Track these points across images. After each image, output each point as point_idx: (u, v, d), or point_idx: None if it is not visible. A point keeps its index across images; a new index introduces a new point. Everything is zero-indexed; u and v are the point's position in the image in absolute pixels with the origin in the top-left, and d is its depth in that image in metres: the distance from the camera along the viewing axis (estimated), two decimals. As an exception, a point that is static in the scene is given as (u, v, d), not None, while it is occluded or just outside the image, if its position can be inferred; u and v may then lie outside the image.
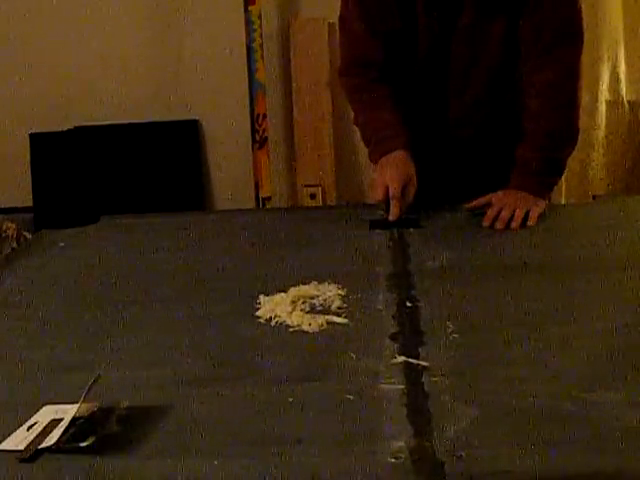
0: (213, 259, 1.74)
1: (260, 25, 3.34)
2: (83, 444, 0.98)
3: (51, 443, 0.97)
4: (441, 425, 0.99)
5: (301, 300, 1.41)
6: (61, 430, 0.99)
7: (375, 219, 1.89)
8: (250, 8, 3.32)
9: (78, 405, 1.02)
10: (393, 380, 1.11)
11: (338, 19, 2.06)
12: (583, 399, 1.05)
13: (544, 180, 1.95)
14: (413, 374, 1.13)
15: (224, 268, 1.67)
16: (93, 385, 1.05)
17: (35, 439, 0.99)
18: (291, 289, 1.45)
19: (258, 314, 1.38)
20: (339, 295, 1.44)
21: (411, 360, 1.17)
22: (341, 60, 2.12)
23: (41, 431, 1.00)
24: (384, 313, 1.37)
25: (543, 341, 1.23)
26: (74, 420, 1.01)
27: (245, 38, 3.35)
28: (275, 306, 1.39)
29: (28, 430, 1.02)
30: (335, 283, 1.48)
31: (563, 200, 3.19)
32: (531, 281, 1.50)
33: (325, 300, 1.42)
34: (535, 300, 1.41)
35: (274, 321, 1.35)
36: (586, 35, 1.96)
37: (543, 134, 1.93)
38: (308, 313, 1.36)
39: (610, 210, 2.01)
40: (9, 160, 3.53)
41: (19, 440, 1.00)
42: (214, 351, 1.26)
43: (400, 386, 1.10)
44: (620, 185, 3.53)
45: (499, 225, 1.84)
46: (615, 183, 3.53)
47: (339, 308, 1.39)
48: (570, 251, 1.70)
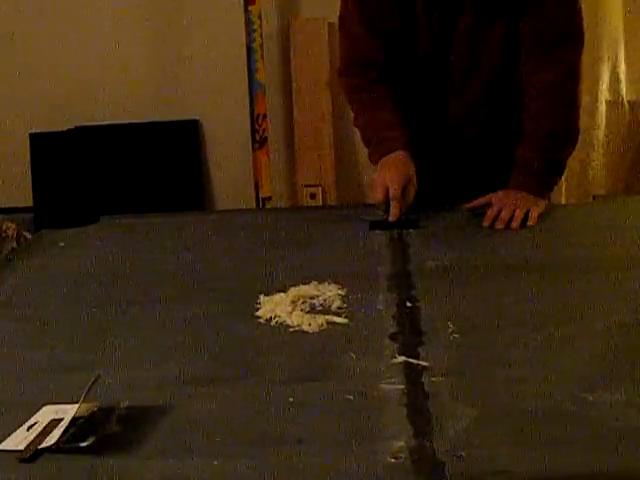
0: (213, 259, 1.74)
1: (260, 25, 3.34)
2: (83, 444, 0.98)
3: (51, 443, 0.97)
4: (441, 425, 0.99)
5: (301, 300, 1.41)
6: (61, 430, 0.99)
7: (375, 220, 1.89)
8: (250, 8, 3.32)
9: (78, 405, 1.02)
10: (393, 380, 1.11)
11: (338, 19, 2.06)
12: (583, 399, 1.05)
13: (544, 180, 1.95)
14: (413, 374, 1.13)
15: (224, 268, 1.68)
16: (93, 385, 1.05)
17: (35, 439, 0.99)
18: (291, 289, 1.45)
19: (258, 314, 1.38)
20: (339, 295, 1.44)
21: (411, 360, 1.17)
22: (341, 60, 2.12)
23: (41, 431, 1.00)
24: (384, 313, 1.37)
25: (543, 341, 1.23)
26: (74, 420, 1.01)
27: (245, 38, 3.35)
28: (275, 306, 1.39)
29: (28, 430, 1.02)
30: (335, 283, 1.48)
31: (563, 200, 3.19)
32: (531, 281, 1.50)
33: (325, 300, 1.42)
34: (535, 300, 1.41)
35: (274, 321, 1.35)
36: (586, 35, 1.96)
37: (543, 134, 1.93)
38: (308, 313, 1.36)
39: (610, 210, 2.01)
40: (9, 160, 3.53)
41: (19, 440, 1.00)
42: (214, 351, 1.26)
43: (400, 386, 1.10)
44: (620, 185, 3.52)
45: (499, 225, 1.84)
46: (615, 183, 3.52)
47: (339, 308, 1.39)
48: (570, 251, 1.70)
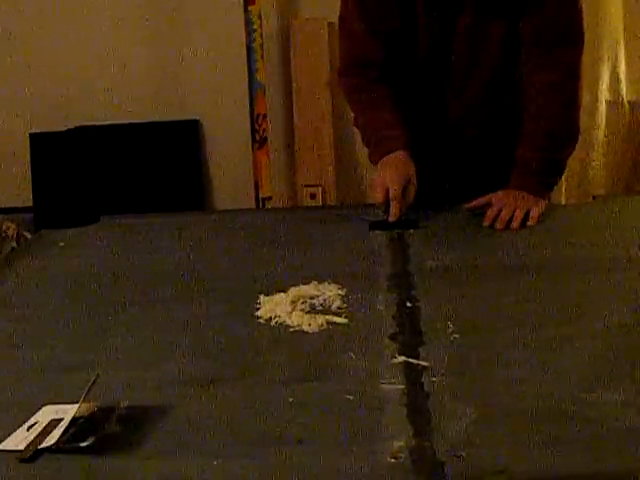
0: (213, 259, 1.74)
1: (260, 25, 3.34)
2: (83, 444, 0.98)
3: (51, 443, 0.97)
4: (441, 425, 0.99)
5: (301, 300, 1.41)
6: (61, 430, 0.99)
7: (375, 220, 1.89)
8: (250, 8, 3.32)
9: (78, 405, 1.02)
10: (393, 380, 1.11)
11: (338, 19, 2.06)
12: (583, 399, 1.05)
13: (544, 180, 1.95)
14: (413, 374, 1.13)
15: (224, 268, 1.67)
16: (93, 385, 1.05)
17: (35, 439, 0.99)
18: (291, 289, 1.45)
19: (258, 314, 1.38)
20: (339, 295, 1.44)
21: (411, 360, 1.17)
22: (340, 60, 2.12)
23: (41, 431, 1.00)
24: (384, 313, 1.37)
25: (543, 341, 1.23)
26: (74, 420, 1.01)
27: (245, 38, 3.35)
28: (275, 306, 1.39)
29: (28, 430, 1.02)
30: (335, 283, 1.48)
31: (563, 200, 3.18)
32: (531, 281, 1.50)
33: (325, 300, 1.42)
34: (535, 300, 1.41)
35: (274, 321, 1.35)
36: (586, 35, 1.96)
37: (543, 134, 1.92)
38: (308, 313, 1.36)
39: (610, 210, 2.01)
40: (9, 160, 3.53)
41: (19, 440, 1.00)
42: (214, 351, 1.26)
43: (400, 386, 1.10)
44: (620, 185, 3.52)
45: (499, 225, 1.83)
46: (615, 183, 3.52)
47: (339, 308, 1.39)
48: (570, 251, 1.70)
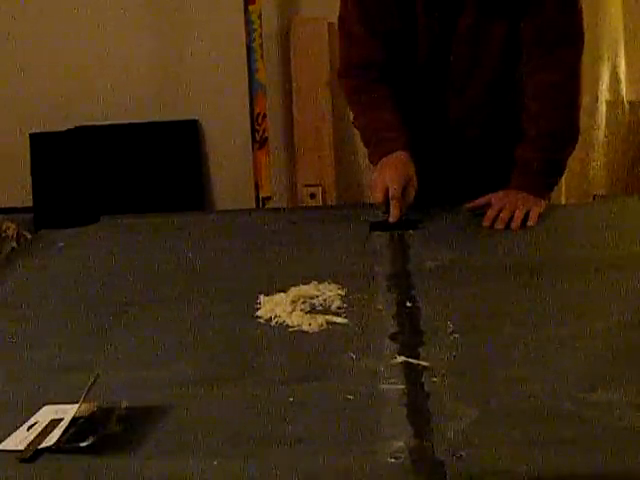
0: (213, 259, 1.74)
1: (260, 25, 3.34)
2: (83, 444, 0.98)
3: (51, 443, 0.97)
4: (441, 425, 0.99)
5: (301, 300, 1.41)
6: (61, 430, 0.99)
7: (375, 221, 1.89)
8: (250, 8, 3.31)
9: (78, 405, 1.02)
10: (393, 380, 1.11)
11: (337, 20, 2.05)
12: (583, 399, 1.05)
13: (544, 180, 1.94)
14: (413, 374, 1.13)
15: (224, 268, 1.67)
16: (93, 385, 1.05)
17: (35, 439, 0.99)
18: (291, 289, 1.45)
19: (258, 314, 1.38)
20: (339, 295, 1.44)
21: (411, 360, 1.17)
22: (340, 61, 2.11)
23: (41, 431, 1.00)
24: (384, 313, 1.37)
25: (543, 341, 1.23)
26: (74, 420, 1.01)
27: (245, 38, 3.35)
28: (275, 306, 1.39)
29: (28, 430, 1.02)
30: (335, 283, 1.48)
31: (563, 200, 3.18)
32: (531, 281, 1.50)
33: (325, 300, 1.42)
34: (535, 300, 1.41)
35: (274, 321, 1.35)
36: (586, 35, 1.96)
37: (544, 134, 1.92)
38: (308, 313, 1.36)
39: (610, 210, 2.01)
40: (9, 160, 3.53)
41: (19, 440, 1.00)
42: (214, 351, 1.26)
43: (400, 386, 1.10)
44: (620, 185, 3.52)
45: (499, 225, 1.83)
46: (615, 183, 3.52)
47: (339, 308, 1.39)
48: (570, 251, 1.70)
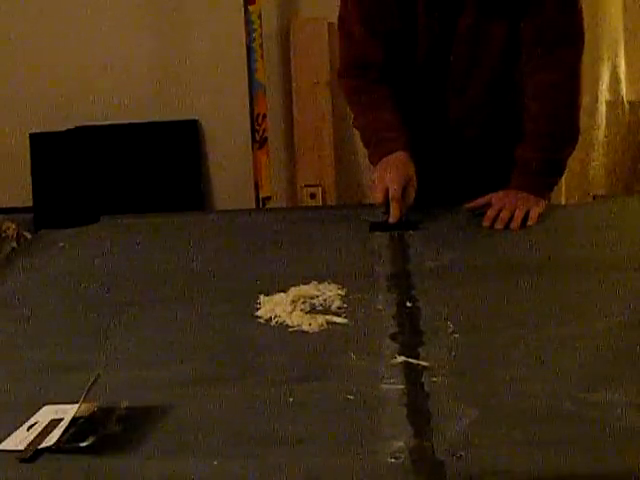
0: (213, 259, 1.74)
1: (260, 25, 3.34)
2: (83, 444, 0.98)
3: (51, 443, 0.97)
4: (441, 425, 0.99)
5: (301, 300, 1.41)
6: (61, 430, 0.99)
7: (375, 222, 1.88)
8: (250, 8, 3.31)
9: (78, 405, 1.02)
10: (393, 380, 1.11)
11: (337, 19, 2.05)
12: (583, 399, 1.05)
13: (544, 180, 1.94)
14: (413, 374, 1.13)
15: (224, 268, 1.67)
16: (93, 385, 1.05)
17: (35, 439, 0.99)
18: (291, 289, 1.45)
19: (258, 314, 1.38)
20: (339, 295, 1.44)
21: (411, 360, 1.17)
22: (340, 61, 2.11)
23: (41, 431, 1.00)
24: (384, 313, 1.37)
25: (543, 341, 1.23)
26: (74, 420, 1.01)
27: (245, 38, 3.34)
28: (275, 306, 1.39)
29: (28, 430, 1.02)
30: (335, 283, 1.48)
31: (563, 200, 3.18)
32: (531, 281, 1.50)
33: (325, 300, 1.42)
34: (535, 300, 1.41)
35: (274, 321, 1.35)
36: (586, 35, 1.96)
37: (544, 135, 1.92)
38: (308, 313, 1.36)
39: (610, 210, 2.01)
40: (9, 160, 3.53)
41: (19, 440, 1.00)
42: (214, 351, 1.26)
43: (400, 386, 1.10)
44: (620, 185, 3.52)
45: (499, 225, 1.83)
46: (615, 183, 3.52)
47: (339, 308, 1.39)
48: (570, 251, 1.70)
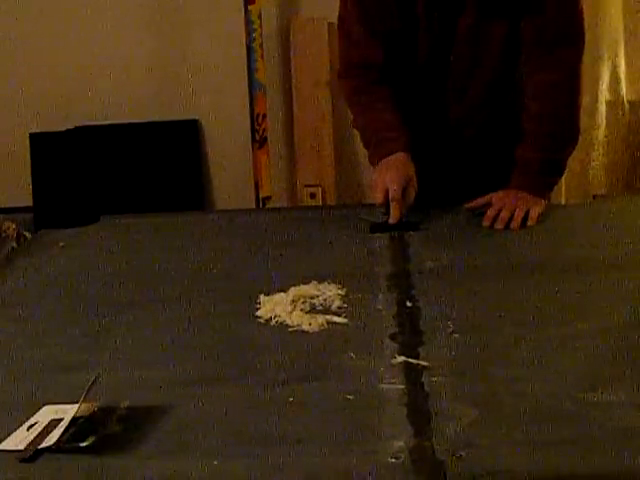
0: (213, 259, 1.74)
1: (260, 25, 3.34)
2: (83, 444, 0.98)
3: (51, 443, 0.97)
4: (441, 425, 0.99)
5: (301, 300, 1.41)
6: (61, 430, 0.99)
7: (375, 222, 1.88)
8: (250, 8, 3.31)
9: (78, 405, 1.02)
10: (393, 380, 1.11)
11: (337, 19, 2.05)
12: (583, 399, 1.05)
13: (544, 180, 1.94)
14: (413, 374, 1.13)
15: (224, 268, 1.67)
16: (93, 385, 1.05)
17: (35, 439, 0.99)
18: (291, 289, 1.45)
19: (258, 314, 1.38)
20: (339, 295, 1.44)
21: (411, 360, 1.17)
22: (340, 62, 2.11)
23: (41, 431, 1.00)
24: (384, 313, 1.37)
25: (543, 341, 1.23)
26: (74, 420, 1.01)
27: (245, 38, 3.34)
28: (275, 306, 1.39)
29: (28, 430, 1.02)
30: (335, 283, 1.48)
31: (563, 200, 3.18)
32: (531, 281, 1.50)
33: (325, 300, 1.42)
34: (535, 300, 1.41)
35: (274, 321, 1.35)
36: (586, 35, 1.96)
37: (544, 135, 1.92)
38: (308, 313, 1.36)
39: (610, 210, 2.01)
40: (9, 160, 3.53)
41: (19, 440, 1.00)
42: (214, 351, 1.26)
43: (400, 386, 1.10)
44: (620, 185, 3.52)
45: (499, 225, 1.83)
46: (615, 183, 3.52)
47: (339, 308, 1.39)
48: (570, 251, 1.70)
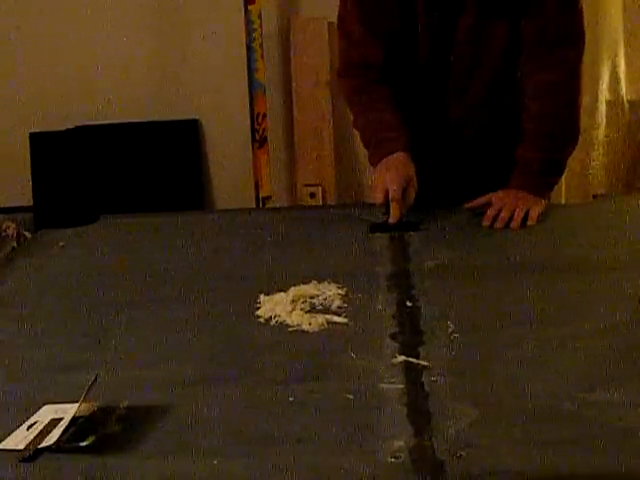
0: (213, 259, 1.74)
1: (260, 25, 3.33)
2: (83, 444, 0.98)
3: (51, 443, 0.97)
4: (441, 425, 0.99)
5: (301, 299, 1.41)
6: (61, 430, 0.99)
7: (375, 223, 1.88)
8: (250, 8, 3.31)
9: (78, 405, 1.02)
10: (393, 380, 1.11)
11: (337, 19, 2.05)
12: (583, 399, 1.05)
13: (544, 180, 1.94)
14: (413, 374, 1.13)
15: (224, 268, 1.67)
16: (93, 385, 1.05)
17: (35, 439, 0.99)
18: (291, 288, 1.45)
19: (258, 314, 1.38)
20: (339, 295, 1.44)
21: (411, 360, 1.17)
22: (340, 61, 2.10)
23: (41, 431, 1.00)
24: (384, 313, 1.37)
25: (543, 341, 1.23)
26: (74, 420, 1.01)
27: (245, 38, 3.34)
28: (275, 306, 1.39)
29: (28, 430, 1.02)
30: (335, 283, 1.48)
31: (563, 200, 3.18)
32: (531, 281, 1.50)
33: (325, 300, 1.42)
34: (535, 300, 1.41)
35: (274, 321, 1.35)
36: (586, 35, 1.96)
37: (544, 134, 1.92)
38: (308, 313, 1.36)
39: (610, 210, 2.01)
40: (9, 160, 3.53)
41: (19, 440, 1.00)
42: (214, 351, 1.26)
43: (400, 386, 1.10)
44: (620, 185, 3.52)
45: (499, 225, 1.83)
46: (615, 183, 3.52)
47: (339, 308, 1.39)
48: (570, 251, 1.70)
